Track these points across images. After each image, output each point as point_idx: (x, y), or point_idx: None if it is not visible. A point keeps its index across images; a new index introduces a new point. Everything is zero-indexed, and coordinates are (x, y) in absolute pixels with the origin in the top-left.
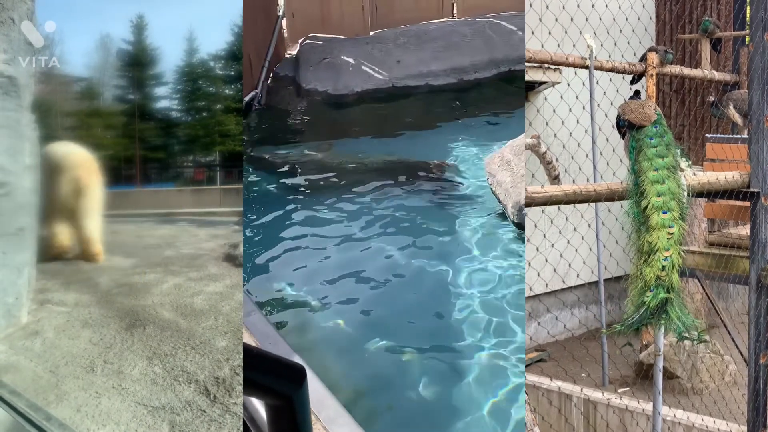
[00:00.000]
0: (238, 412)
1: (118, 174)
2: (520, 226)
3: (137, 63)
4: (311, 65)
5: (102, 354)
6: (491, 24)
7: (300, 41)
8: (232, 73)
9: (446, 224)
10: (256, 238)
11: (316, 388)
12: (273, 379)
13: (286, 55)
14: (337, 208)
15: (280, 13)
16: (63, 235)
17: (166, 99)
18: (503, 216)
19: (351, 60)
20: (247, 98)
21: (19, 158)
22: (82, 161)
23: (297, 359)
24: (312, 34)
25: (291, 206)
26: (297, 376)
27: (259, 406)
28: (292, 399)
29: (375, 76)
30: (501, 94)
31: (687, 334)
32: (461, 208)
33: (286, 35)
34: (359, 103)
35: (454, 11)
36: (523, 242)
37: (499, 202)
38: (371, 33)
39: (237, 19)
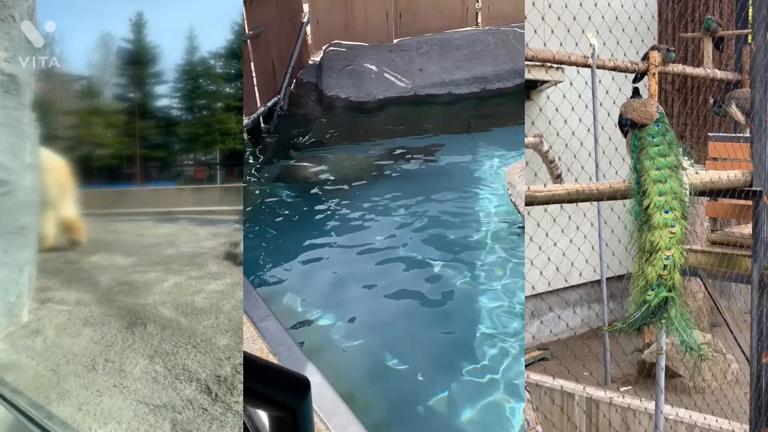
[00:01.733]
0: (239, 411)
1: (118, 172)
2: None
3: (137, 61)
4: (334, 72)
5: (103, 352)
6: (515, 33)
7: (324, 48)
8: (233, 71)
9: (465, 235)
10: (272, 248)
11: (327, 395)
12: (277, 390)
13: (310, 62)
14: (356, 216)
15: (305, 20)
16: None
17: (166, 97)
18: (517, 227)
19: (374, 67)
20: (269, 104)
21: (20, 157)
22: (59, 166)
23: (310, 367)
24: (336, 41)
25: (310, 215)
26: (301, 388)
27: (264, 416)
28: (296, 411)
29: (397, 84)
30: (523, 104)
31: (691, 345)
32: (479, 218)
33: (310, 42)
34: (381, 110)
35: (479, 20)
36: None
37: (518, 212)
38: (395, 41)
39: (237, 17)
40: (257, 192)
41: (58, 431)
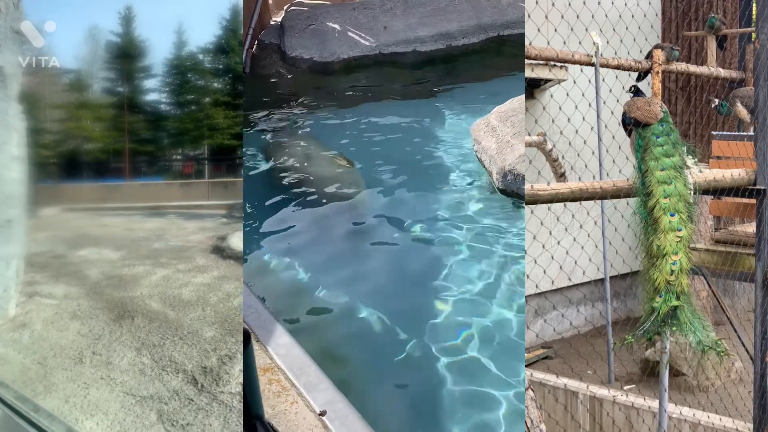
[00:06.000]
0: (225, 401)
1: (107, 167)
2: (504, 192)
3: (126, 55)
4: (296, 32)
5: (90, 345)
6: None
7: (285, 8)
8: (221, 66)
9: (436, 196)
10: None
11: (295, 355)
12: None
13: (271, 22)
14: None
15: None
16: None
17: (154, 92)
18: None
19: (337, 26)
20: None
21: (6, 149)
22: None
23: (279, 328)
24: (297, 0)
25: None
26: (242, 338)
27: None
28: None
29: (361, 43)
30: (489, 60)
31: (709, 345)
32: (451, 177)
33: (270, 2)
34: (346, 70)
35: None
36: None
37: (484, 168)
38: None
39: (225, 12)
40: None
41: (45, 423)
